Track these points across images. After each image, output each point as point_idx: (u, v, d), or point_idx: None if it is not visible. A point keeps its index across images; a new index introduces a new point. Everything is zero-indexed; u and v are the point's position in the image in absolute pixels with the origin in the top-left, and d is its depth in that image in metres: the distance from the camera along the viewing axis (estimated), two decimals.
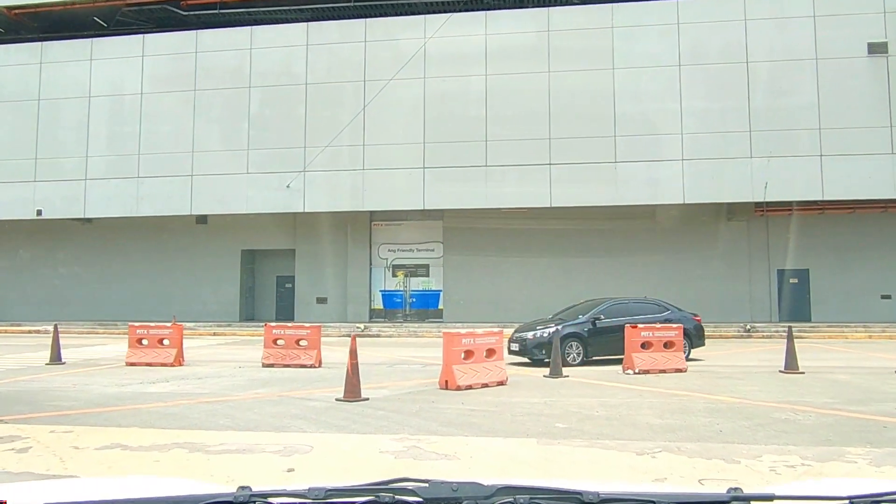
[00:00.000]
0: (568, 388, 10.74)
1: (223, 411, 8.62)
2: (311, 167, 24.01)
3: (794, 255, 24.37)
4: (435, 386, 10.78)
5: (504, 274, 25.42)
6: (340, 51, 24.55)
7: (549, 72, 23.35)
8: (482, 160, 23.50)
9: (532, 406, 8.96)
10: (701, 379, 11.72)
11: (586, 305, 15.01)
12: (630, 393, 10.09)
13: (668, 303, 15.26)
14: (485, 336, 11.09)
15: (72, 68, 26.04)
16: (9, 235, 28.25)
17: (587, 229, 25.23)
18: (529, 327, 14.46)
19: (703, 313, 23.83)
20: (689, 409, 8.65)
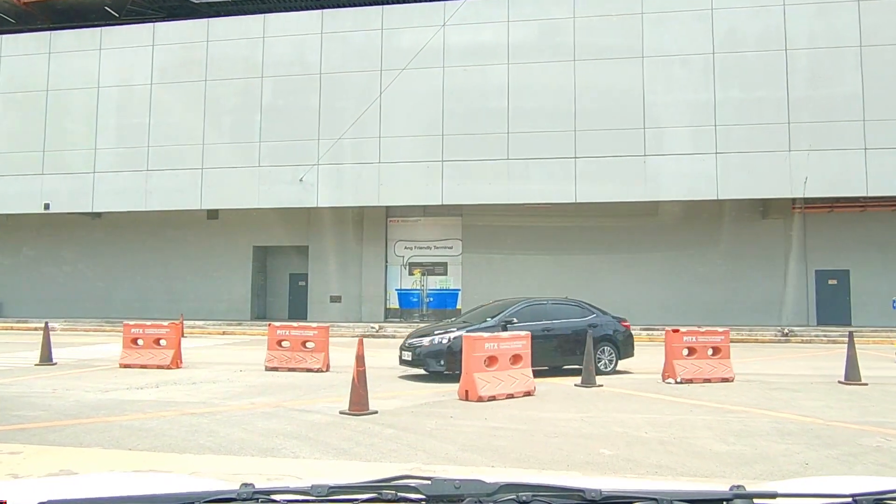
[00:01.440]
0: (604, 400, 9.35)
1: (207, 427, 7.33)
2: (324, 160, 22.75)
3: (834, 255, 22.79)
4: (453, 395, 9.44)
5: (525, 273, 24.02)
6: (356, 39, 23.27)
7: (575, 60, 21.93)
8: (503, 153, 22.12)
9: (567, 424, 7.58)
10: (752, 391, 10.28)
11: (496, 306, 12.69)
12: (678, 408, 8.68)
13: (592, 305, 13.11)
14: (510, 340, 9.73)
15: (80, 58, 24.99)
16: (17, 230, 27.29)
17: (612, 226, 23.78)
18: (426, 332, 12.16)
19: (736, 316, 22.52)
20: (753, 430, 7.23)
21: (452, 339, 11.11)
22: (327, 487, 1.45)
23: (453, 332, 11.28)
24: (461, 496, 1.42)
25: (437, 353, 11.22)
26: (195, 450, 6.28)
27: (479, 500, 1.41)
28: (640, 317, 22.76)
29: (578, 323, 12.22)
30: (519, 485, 1.45)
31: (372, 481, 1.51)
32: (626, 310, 23.09)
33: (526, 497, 1.41)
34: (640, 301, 23.28)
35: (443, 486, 1.44)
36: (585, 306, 12.83)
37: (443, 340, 11.30)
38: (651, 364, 13.46)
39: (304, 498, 1.44)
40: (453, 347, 10.91)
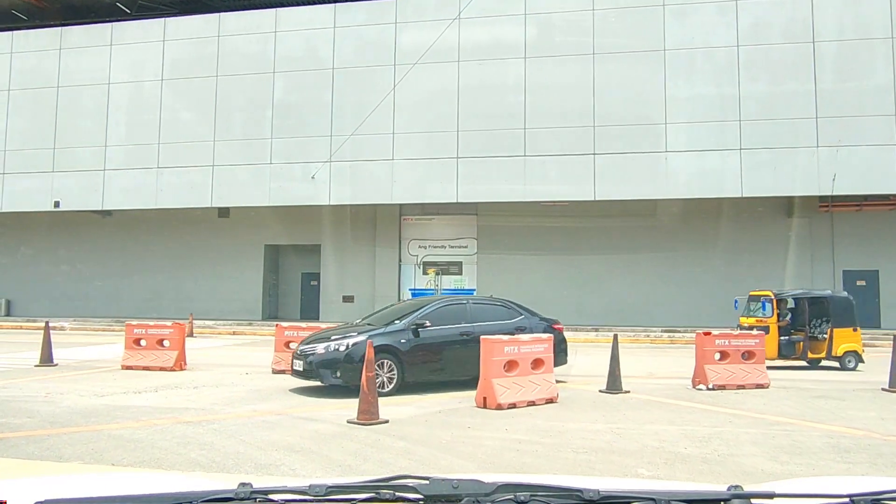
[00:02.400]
0: (633, 408, 8.60)
1: (202, 438, 6.65)
2: (337, 157, 22.09)
3: (862, 255, 21.86)
4: (470, 402, 8.72)
5: (543, 273, 23.25)
6: (369, 33, 22.59)
7: (594, 54, 21.14)
8: (520, 150, 21.37)
9: (597, 436, 6.84)
10: (792, 398, 9.49)
11: (407, 306, 11.17)
12: (715, 417, 7.92)
13: (520, 305, 11.43)
14: (531, 343, 8.99)
15: (91, 55, 24.48)
16: (27, 228, 26.84)
17: (631, 225, 22.95)
18: (322, 336, 10.12)
19: None
20: (805, 445, 6.46)
21: (352, 345, 9.39)
22: (325, 487, 1.43)
23: (353, 338, 9.53)
24: (459, 496, 1.40)
25: (333, 363, 9.37)
26: (184, 465, 5.61)
27: (477, 500, 1.39)
28: (662, 318, 21.97)
29: (504, 326, 10.37)
30: (517, 484, 1.44)
31: (370, 481, 1.50)
32: (648, 312, 22.43)
33: (524, 497, 1.39)
34: (661, 302, 22.48)
35: (441, 486, 1.43)
36: (512, 306, 11.11)
37: (339, 347, 9.45)
38: (677, 368, 12.69)
39: (301, 497, 1.43)
40: (353, 355, 9.21)
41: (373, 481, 1.49)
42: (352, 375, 9.06)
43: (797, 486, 1.74)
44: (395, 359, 9.56)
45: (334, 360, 9.40)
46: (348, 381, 9.17)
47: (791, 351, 13.36)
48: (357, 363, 8.81)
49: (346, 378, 9.25)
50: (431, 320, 10.02)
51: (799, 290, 14.33)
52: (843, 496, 1.41)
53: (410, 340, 9.77)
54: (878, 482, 1.57)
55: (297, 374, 9.81)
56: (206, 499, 1.41)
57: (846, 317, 13.36)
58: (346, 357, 9.35)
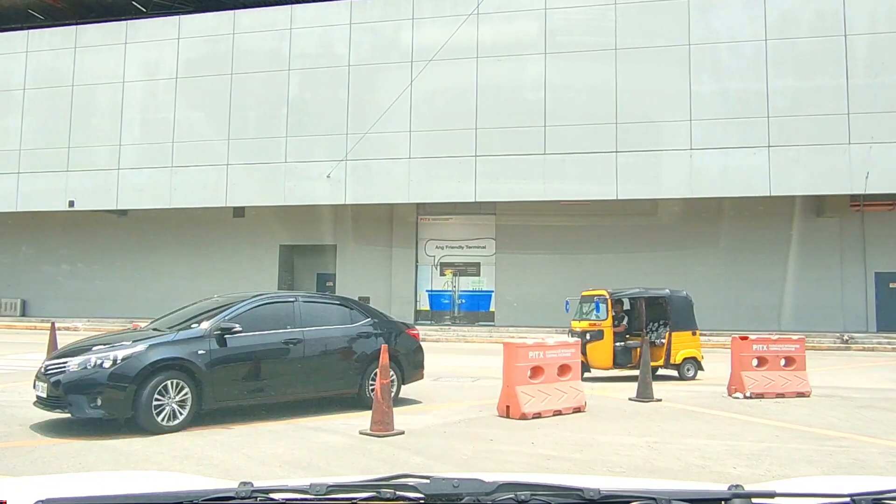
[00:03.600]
0: (667, 419, 7.93)
1: (201, 451, 6.08)
2: (352, 156, 21.53)
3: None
4: (492, 410, 8.10)
5: (563, 274, 22.53)
6: (385, 30, 22.03)
7: (616, 49, 20.43)
8: (540, 148, 20.70)
9: (632, 451, 6.19)
10: (837, 409, 8.76)
11: (211, 304, 8.20)
12: (759, 430, 7.23)
13: (366, 306, 9.36)
14: (557, 348, 8.35)
15: (106, 53, 24.11)
16: (43, 228, 26.54)
17: (655, 225, 22.21)
18: (80, 348, 7.12)
19: (789, 320, 20.82)
20: (868, 465, 5.78)
21: (121, 359, 6.65)
22: (326, 486, 1.42)
23: (125, 349, 6.79)
24: (460, 495, 1.39)
25: (92, 386, 6.55)
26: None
27: (478, 499, 1.37)
28: None
29: (345, 332, 8.24)
30: (517, 484, 1.43)
31: (370, 480, 1.49)
32: None
33: (524, 496, 1.37)
34: None
35: (441, 485, 1.41)
36: (355, 306, 8.84)
37: (103, 363, 6.62)
38: (707, 374, 11.98)
39: (302, 497, 1.41)
40: (123, 374, 6.58)
41: (373, 480, 1.48)
42: (121, 405, 6.56)
43: (798, 485, 1.71)
44: (189, 378, 6.93)
45: (93, 381, 6.55)
46: (115, 413, 6.58)
47: (627, 359, 11.66)
48: (130, 385, 6.55)
49: (112, 408, 6.56)
50: (244, 324, 7.46)
51: (635, 289, 12.47)
52: (845, 496, 1.39)
53: (212, 351, 7.12)
54: (880, 482, 1.58)
55: (39, 402, 6.92)
56: (206, 498, 1.39)
57: (685, 319, 12.07)
58: (111, 377, 6.54)
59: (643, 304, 11.98)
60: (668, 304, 12.03)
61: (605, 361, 11.43)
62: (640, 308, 12.05)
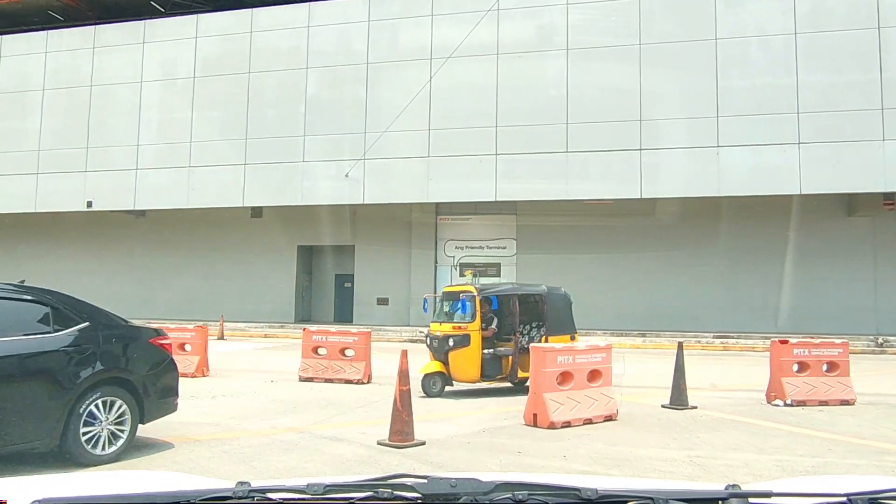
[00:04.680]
0: (706, 428, 7.35)
1: (207, 463, 5.61)
2: (371, 154, 21.07)
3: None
4: (517, 418, 7.58)
5: (584, 275, 21.89)
6: (404, 27, 21.57)
7: (641, 44, 19.81)
8: (562, 146, 20.11)
9: (675, 468, 5.63)
10: (887, 418, 8.13)
11: None
12: (809, 443, 6.63)
13: (81, 303, 5.97)
14: (588, 352, 7.80)
15: (124, 53, 23.87)
16: (62, 229, 26.34)
17: (680, 225, 21.51)
18: None
19: (819, 323, 19.99)
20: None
21: None
22: (323, 486, 1.41)
23: None
24: (457, 495, 1.38)
25: None
26: None
27: (475, 499, 1.36)
28: (713, 324, 20.53)
29: (32, 345, 5.29)
30: (515, 483, 1.42)
31: (368, 479, 1.47)
32: (697, 316, 20.95)
33: (522, 496, 1.36)
34: (711, 306, 21.06)
35: (439, 485, 1.40)
36: (60, 304, 5.67)
37: None
38: (741, 379, 11.38)
39: (300, 496, 1.40)
40: None
41: (371, 480, 1.46)
42: None
43: (795, 485, 1.70)
44: None
45: None
46: None
47: (497, 369, 9.66)
48: None
49: None
50: None
51: (507, 286, 10.78)
52: (841, 495, 1.38)
53: None
54: (876, 481, 1.57)
55: None
56: (203, 497, 1.38)
57: (563, 321, 10.22)
58: None
59: (516, 303, 9.90)
60: (544, 303, 10.08)
61: (471, 372, 9.41)
62: (511, 307, 9.95)
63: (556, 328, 9.99)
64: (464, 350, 9.35)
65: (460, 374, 9.43)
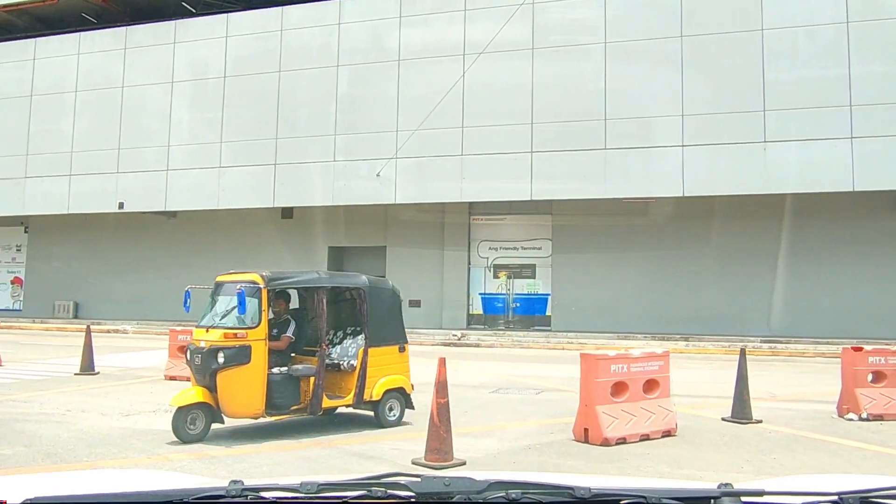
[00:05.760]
0: (779, 447, 6.50)
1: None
2: (403, 153, 20.41)
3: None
4: (566, 433, 6.81)
5: (623, 277, 21.01)
6: (436, 22, 20.87)
7: (682, 36, 18.84)
8: (600, 143, 19.23)
9: None
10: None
11: None
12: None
13: None
14: (643, 360, 6.99)
15: (155, 53, 23.55)
16: (95, 230, 26.14)
17: (725, 224, 20.46)
18: None
19: (868, 327, 18.80)
20: None
21: None
22: (317, 485, 1.39)
23: None
24: (451, 493, 1.37)
25: None
26: None
27: (469, 498, 1.36)
28: (759, 327, 19.48)
29: None
30: (508, 482, 1.41)
31: (362, 478, 1.45)
32: (742, 319, 19.82)
33: (515, 494, 1.35)
34: (758, 308, 19.97)
35: (432, 484, 1.39)
36: None
37: None
38: (800, 389, 10.45)
39: (293, 495, 1.39)
40: None
41: (365, 479, 1.44)
42: None
43: (787, 483, 1.70)
44: None
45: None
46: None
47: (291, 396, 6.82)
48: None
49: None
50: None
51: (310, 275, 7.57)
52: (832, 494, 1.38)
53: None
54: (867, 480, 1.58)
55: None
56: (196, 496, 1.37)
57: (390, 327, 7.59)
58: None
59: (324, 301, 7.07)
60: (364, 300, 7.36)
61: (250, 403, 6.52)
62: (317, 306, 7.18)
63: (381, 336, 7.36)
64: (240, 370, 6.43)
65: (234, 406, 6.50)
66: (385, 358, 7.32)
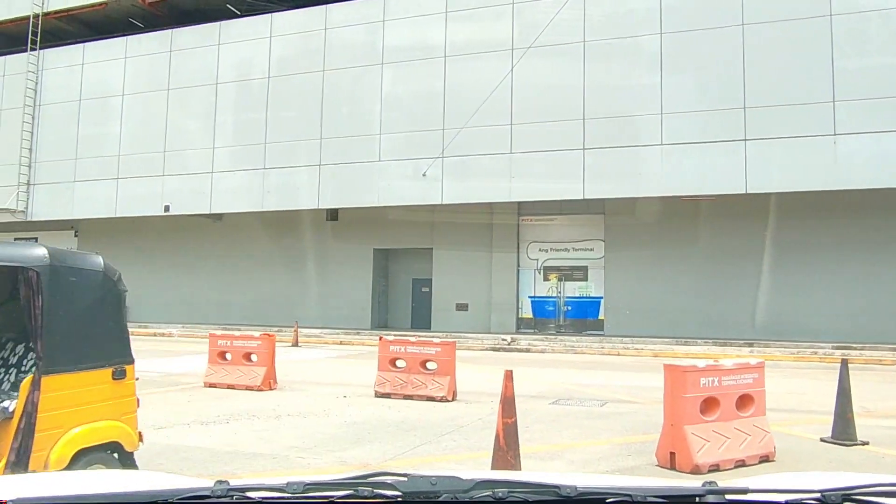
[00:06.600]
0: None
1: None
2: (449, 152, 19.65)
3: None
4: (645, 455, 5.92)
5: (680, 280, 19.87)
6: (483, 16, 20.05)
7: (743, 25, 17.67)
8: (656, 138, 18.17)
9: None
10: None
11: None
12: None
13: None
14: (736, 372, 6.02)
15: (200, 55, 23.27)
16: (142, 233, 26.00)
17: (792, 222, 19.19)
18: None
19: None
20: None
21: None
22: (303, 484, 1.35)
23: None
24: (437, 493, 1.35)
25: None
26: None
27: (456, 497, 1.34)
28: (829, 332, 18.15)
29: None
30: (495, 481, 1.40)
31: (349, 478, 1.41)
32: (809, 324, 18.46)
33: (502, 493, 1.34)
34: (828, 313, 18.62)
35: (419, 483, 1.37)
36: None
37: None
38: (888, 402, 9.30)
39: (279, 495, 1.36)
40: None
41: (352, 478, 1.41)
42: None
43: (770, 481, 1.68)
44: None
45: None
46: None
47: None
48: None
49: None
50: None
51: None
52: (815, 492, 1.38)
53: None
54: (849, 478, 1.58)
55: None
56: (181, 497, 1.35)
57: (93, 335, 4.14)
58: None
59: None
60: (37, 291, 3.77)
61: None
62: None
63: (72, 352, 3.95)
64: None
65: None
66: (82, 392, 3.96)
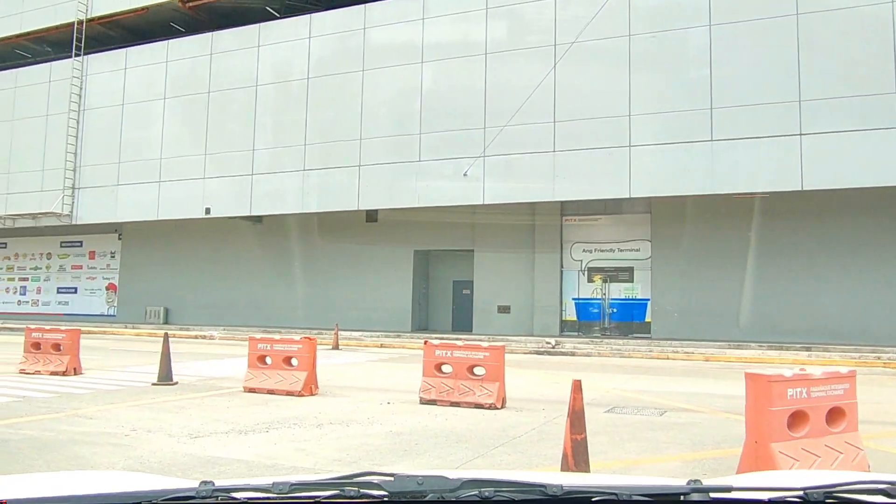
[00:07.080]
0: None
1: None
2: (491, 151, 19.13)
3: None
4: (719, 472, 5.29)
5: (731, 281, 19.04)
6: (525, 11, 19.51)
7: (798, 14, 16.82)
8: (706, 134, 17.40)
9: None
10: None
11: None
12: None
13: None
14: (826, 382, 5.35)
15: (240, 57, 23.16)
16: (184, 236, 26.03)
17: (850, 220, 18.24)
18: None
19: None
20: None
21: None
22: (289, 485, 1.36)
23: None
24: (424, 492, 1.35)
25: None
26: None
27: (442, 496, 1.34)
28: (891, 335, 17.15)
29: None
30: (481, 480, 1.40)
31: (335, 478, 1.42)
32: (868, 327, 17.49)
33: (488, 492, 1.34)
34: (889, 315, 17.62)
35: (406, 483, 1.37)
36: None
37: None
38: None
39: (265, 496, 1.35)
40: None
41: (338, 478, 1.41)
42: None
43: (754, 479, 1.68)
44: None
45: None
46: None
47: None
48: None
49: None
50: None
51: None
52: (797, 489, 1.38)
53: None
54: (832, 475, 1.65)
55: None
56: (166, 498, 1.33)
57: None
58: None
59: None
60: None
61: None
62: None
63: None
64: None
65: None
66: None
